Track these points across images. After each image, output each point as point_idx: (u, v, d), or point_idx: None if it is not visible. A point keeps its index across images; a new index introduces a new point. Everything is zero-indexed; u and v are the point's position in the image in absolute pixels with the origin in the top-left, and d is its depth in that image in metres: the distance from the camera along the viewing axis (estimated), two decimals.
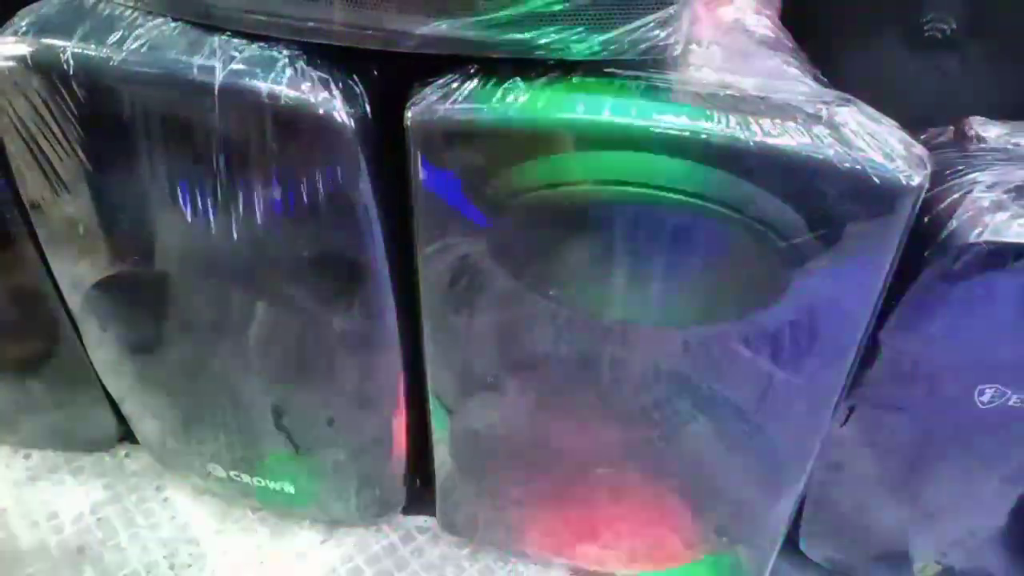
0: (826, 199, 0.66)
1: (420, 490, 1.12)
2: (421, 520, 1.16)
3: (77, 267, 0.94)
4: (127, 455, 1.25)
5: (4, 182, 0.91)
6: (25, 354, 1.12)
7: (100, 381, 1.11)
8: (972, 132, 0.84)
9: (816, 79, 0.77)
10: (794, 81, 0.73)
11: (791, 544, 1.05)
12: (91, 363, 1.09)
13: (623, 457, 0.93)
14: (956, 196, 0.75)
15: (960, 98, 0.99)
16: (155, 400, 1.09)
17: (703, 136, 0.66)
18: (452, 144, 0.72)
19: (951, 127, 0.88)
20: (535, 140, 0.69)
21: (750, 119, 0.66)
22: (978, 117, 0.85)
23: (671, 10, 0.67)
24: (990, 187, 0.76)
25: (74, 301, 0.99)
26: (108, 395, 1.14)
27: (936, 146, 0.84)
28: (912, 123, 0.79)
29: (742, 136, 0.65)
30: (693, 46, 0.75)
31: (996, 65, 0.98)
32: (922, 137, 0.89)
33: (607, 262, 0.74)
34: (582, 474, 0.97)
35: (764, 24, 0.83)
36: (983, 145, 0.83)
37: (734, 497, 0.94)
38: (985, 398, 0.85)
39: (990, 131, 0.84)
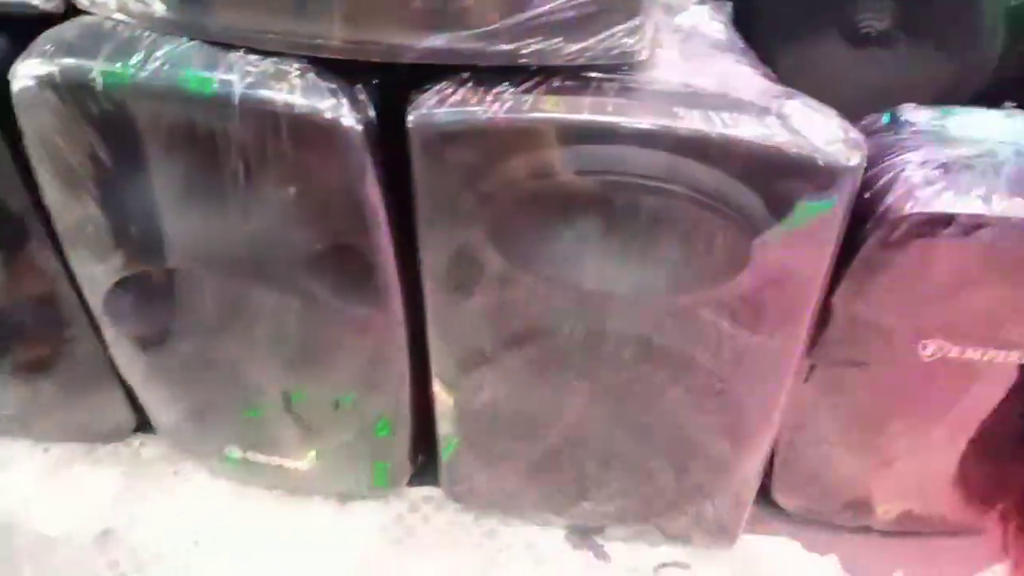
0: (779, 180, 0.77)
1: (424, 463, 1.21)
2: (426, 490, 1.25)
3: (98, 268, 1.01)
4: (142, 444, 1.32)
5: (24, 190, 0.98)
6: (43, 350, 1.18)
7: (116, 373, 1.18)
8: (904, 118, 0.94)
9: (766, 76, 0.87)
10: (747, 79, 0.83)
11: (764, 494, 1.16)
12: (108, 356, 1.16)
13: (609, 420, 1.03)
14: (891, 175, 0.86)
15: (894, 88, 1.09)
16: (171, 389, 1.17)
17: (672, 129, 0.75)
18: (449, 143, 0.80)
19: (885, 114, 0.98)
20: (524, 137, 0.79)
21: (711, 113, 0.76)
22: (910, 104, 0.96)
23: (637, 20, 0.77)
24: (920, 165, 0.87)
25: (95, 300, 1.06)
26: (123, 386, 1.21)
27: (873, 131, 0.95)
28: (852, 112, 0.89)
29: (705, 128, 0.75)
30: (658, 50, 0.85)
31: (924, 57, 1.09)
32: (861, 123, 1.00)
33: (591, 242, 0.84)
34: (573, 437, 1.06)
35: (717, 29, 0.93)
36: (914, 129, 0.93)
37: (709, 453, 1.04)
38: (928, 352, 0.96)
39: (920, 116, 0.94)
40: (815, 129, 0.75)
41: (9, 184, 0.96)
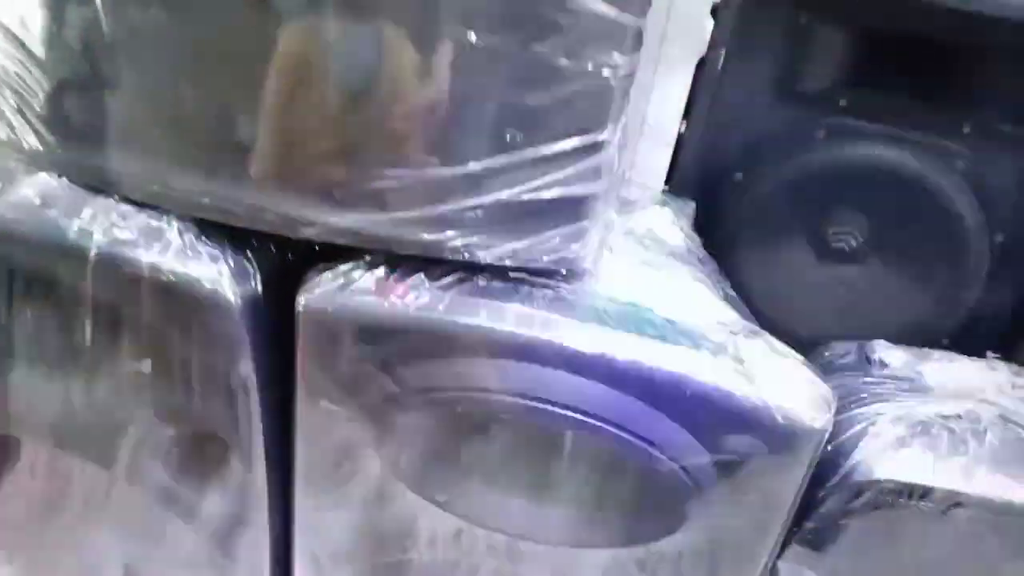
0: (729, 433, 0.64)
1: None
2: None
3: None
4: None
5: None
6: None
7: None
8: (876, 356, 0.84)
9: (726, 297, 0.77)
10: (704, 304, 0.72)
11: None
12: None
13: None
14: (859, 427, 0.74)
15: (863, 312, 1.01)
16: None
17: (606, 356, 0.63)
18: (346, 336, 0.67)
19: (855, 346, 0.88)
20: (434, 342, 0.66)
21: (656, 343, 0.64)
22: (881, 341, 0.86)
23: (583, 224, 0.66)
24: (893, 421, 0.75)
25: None
26: None
27: (839, 367, 0.84)
28: (815, 331, 0.79)
29: (646, 361, 0.63)
30: (606, 254, 0.74)
31: (899, 282, 1.00)
32: (826, 354, 0.90)
33: (500, 473, 0.70)
34: None
35: (677, 235, 0.83)
36: (886, 371, 0.83)
37: None
38: None
39: (894, 357, 0.84)
40: (777, 378, 0.64)
41: None
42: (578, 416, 0.64)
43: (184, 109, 0.64)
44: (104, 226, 0.66)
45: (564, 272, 0.68)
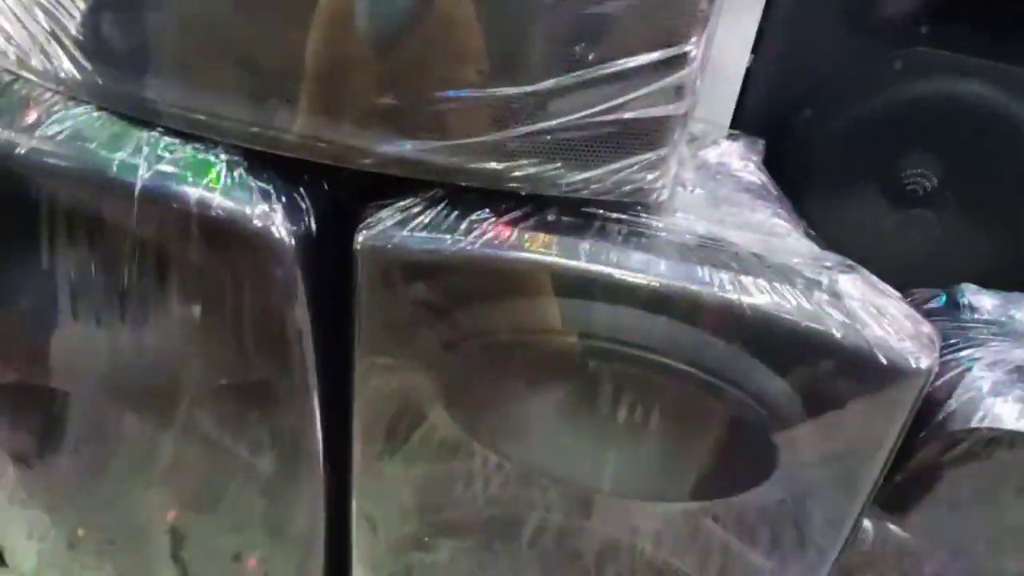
0: (824, 375, 0.59)
1: None
2: None
3: None
4: None
5: None
6: None
7: None
8: (965, 301, 0.78)
9: (807, 234, 0.71)
10: (788, 238, 0.67)
11: None
12: None
13: None
14: (954, 373, 0.69)
15: (941, 258, 0.94)
16: (35, 520, 0.95)
17: (691, 294, 0.58)
18: (406, 275, 0.63)
19: (940, 292, 0.82)
20: (500, 280, 0.61)
21: (744, 280, 0.58)
22: (970, 285, 0.81)
23: (661, 152, 0.61)
24: (989, 366, 0.70)
25: None
26: None
27: (927, 312, 0.79)
28: (894, 281, 0.73)
29: (735, 298, 0.57)
30: (679, 189, 0.69)
31: (977, 225, 0.94)
32: (910, 299, 0.84)
33: (572, 421, 0.65)
34: None
35: (750, 170, 0.77)
36: (976, 316, 0.77)
37: None
38: None
39: (983, 301, 0.78)
40: (877, 316, 0.58)
41: None
42: (657, 358, 0.60)
43: (232, 32, 0.60)
44: (148, 159, 0.62)
45: (639, 205, 0.64)
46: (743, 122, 0.93)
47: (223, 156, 0.64)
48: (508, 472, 0.70)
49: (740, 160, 0.78)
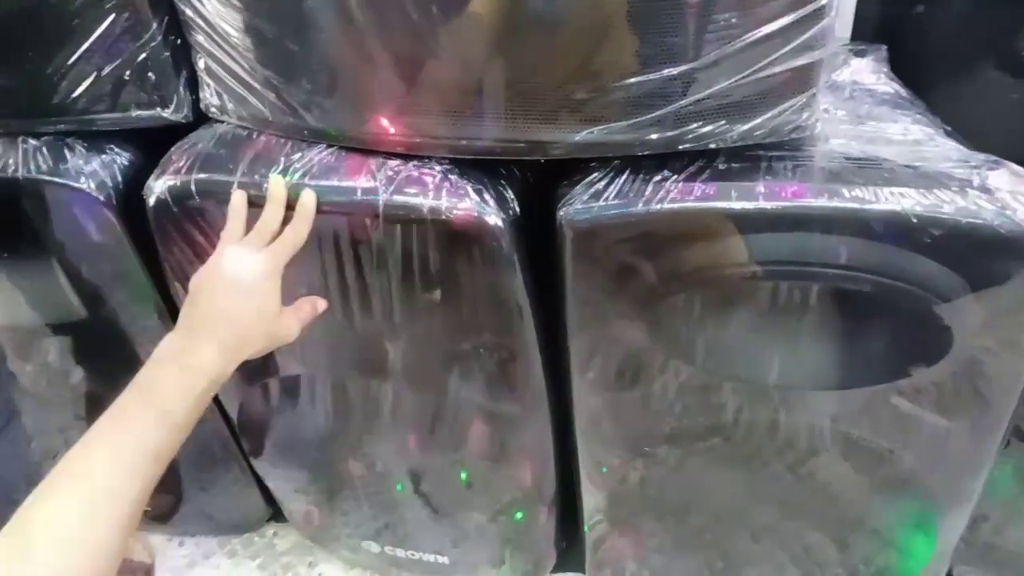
0: (988, 263, 0.68)
1: (565, 548, 1.15)
2: None
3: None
4: (275, 535, 1.30)
5: (160, 300, 0.97)
6: None
7: (248, 464, 1.17)
8: None
9: (947, 134, 0.78)
10: (932, 143, 0.75)
11: None
12: (240, 448, 1.14)
13: (773, 505, 0.95)
14: None
15: None
16: (303, 478, 1.14)
17: (861, 211, 0.68)
18: (606, 239, 0.74)
19: None
20: (689, 230, 0.72)
21: (904, 191, 0.67)
22: None
23: (811, 92, 0.69)
24: None
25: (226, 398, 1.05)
26: (256, 477, 1.20)
27: None
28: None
29: (900, 208, 0.67)
30: (824, 116, 0.77)
31: None
32: None
33: (768, 335, 0.77)
34: (729, 520, 0.98)
35: (882, 82, 0.84)
36: None
37: (894, 543, 0.94)
38: None
39: None
40: None
41: (144, 295, 0.96)
42: (839, 271, 0.70)
43: (436, 69, 0.72)
44: (384, 181, 0.76)
45: (797, 141, 0.73)
46: (860, 31, 0.98)
47: (438, 168, 0.77)
48: (716, 385, 0.82)
49: (871, 74, 0.85)
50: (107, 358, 1.08)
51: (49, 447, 1.19)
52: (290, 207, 0.76)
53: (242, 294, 0.70)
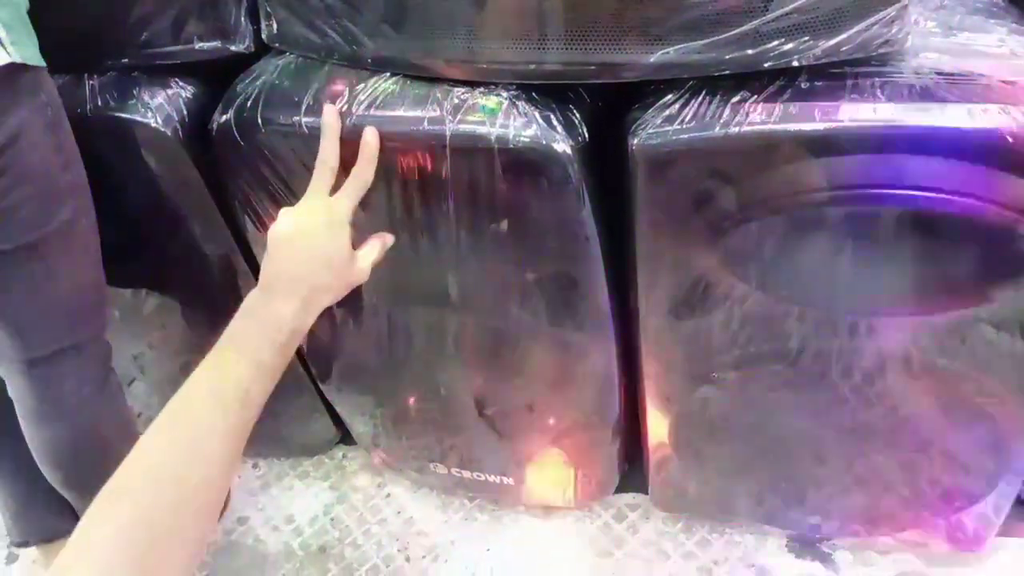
0: None
1: (627, 470, 1.17)
2: (629, 497, 1.21)
3: None
4: (344, 456, 1.35)
5: (227, 231, 0.98)
6: None
7: (317, 389, 1.20)
8: None
9: None
10: None
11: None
12: (309, 373, 1.17)
13: (844, 430, 0.94)
14: None
15: None
16: (371, 403, 1.17)
17: (953, 131, 0.64)
18: (682, 165, 0.72)
19: None
20: (772, 153, 0.69)
21: (1001, 108, 0.64)
22: None
23: (903, 1, 0.65)
24: None
25: None
26: (325, 401, 1.23)
27: None
28: None
29: (996, 127, 0.63)
30: (913, 28, 0.73)
31: None
32: None
33: (848, 261, 0.74)
34: (798, 444, 0.98)
35: None
36: None
37: (968, 467, 0.94)
38: None
39: None
40: None
41: (212, 224, 0.97)
42: (927, 194, 0.67)
43: None
44: (450, 110, 0.74)
45: (884, 56, 0.69)
46: None
47: (504, 95, 0.75)
48: (785, 312, 0.81)
49: None
50: (177, 288, 1.11)
51: (125, 374, 1.24)
52: (354, 143, 0.75)
53: (316, 249, 0.72)
